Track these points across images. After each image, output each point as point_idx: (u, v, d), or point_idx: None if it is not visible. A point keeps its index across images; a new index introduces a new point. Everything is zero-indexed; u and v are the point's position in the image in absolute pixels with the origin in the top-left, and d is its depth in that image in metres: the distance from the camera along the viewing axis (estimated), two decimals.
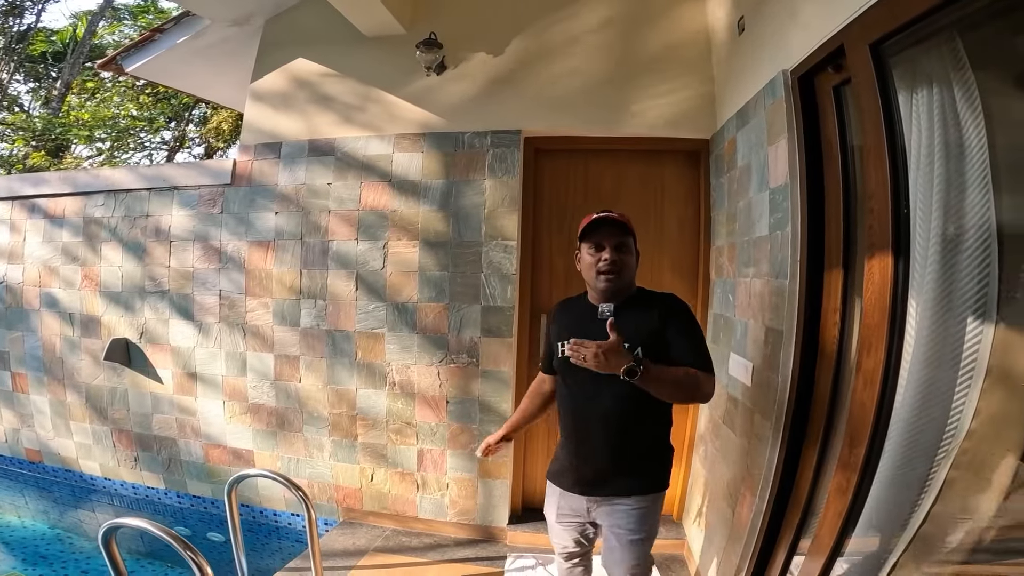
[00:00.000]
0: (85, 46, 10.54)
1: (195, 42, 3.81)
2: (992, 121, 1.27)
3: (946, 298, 1.27)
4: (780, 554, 1.93)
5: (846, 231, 1.55)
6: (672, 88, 2.95)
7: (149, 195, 3.51)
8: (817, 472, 1.69)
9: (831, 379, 1.59)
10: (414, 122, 3.18)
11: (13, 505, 3.89)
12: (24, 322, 3.87)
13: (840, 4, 1.52)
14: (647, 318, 1.67)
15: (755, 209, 2.13)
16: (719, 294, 2.68)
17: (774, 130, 1.92)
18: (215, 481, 3.55)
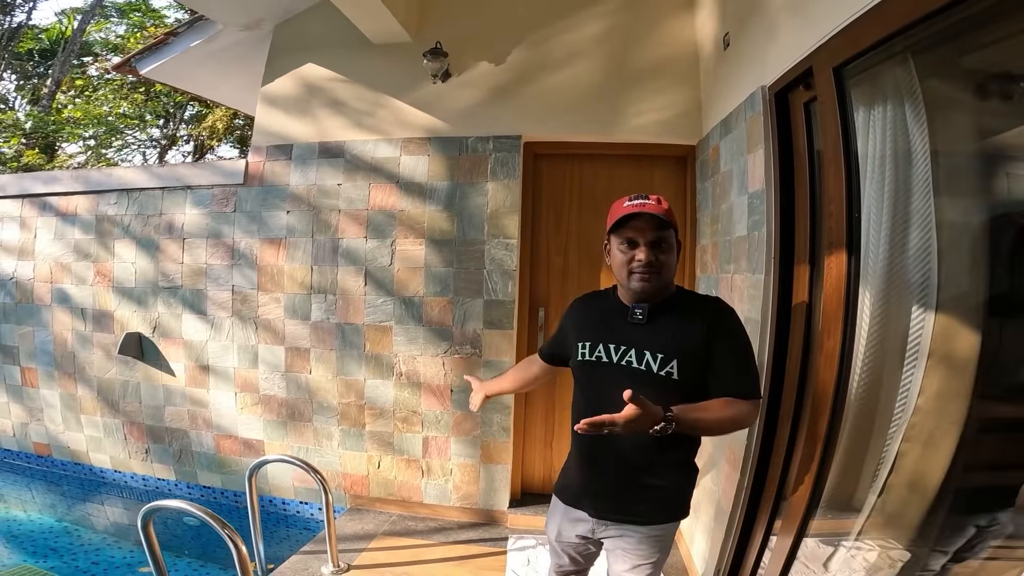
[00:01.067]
0: (75, 44, 10.55)
1: (207, 46, 3.97)
2: (935, 134, 1.49)
3: (894, 290, 1.49)
4: (761, 524, 2.14)
5: (812, 232, 1.77)
6: (662, 97, 3.16)
7: (162, 194, 3.66)
8: (790, 446, 1.90)
9: (799, 362, 1.81)
10: (420, 127, 3.37)
11: (20, 500, 3.96)
12: (34, 317, 4.00)
13: (810, 30, 1.74)
14: (688, 327, 1.45)
15: (735, 211, 2.35)
16: (703, 289, 2.90)
17: (753, 140, 2.14)
18: (226, 472, 3.70)
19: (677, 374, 1.43)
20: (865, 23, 1.41)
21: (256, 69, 3.91)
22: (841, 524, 1.91)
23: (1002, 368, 1.44)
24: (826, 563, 1.99)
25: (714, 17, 2.83)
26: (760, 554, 2.17)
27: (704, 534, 2.58)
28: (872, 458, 1.72)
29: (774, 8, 2.05)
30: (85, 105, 9.46)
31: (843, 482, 1.80)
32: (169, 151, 10.84)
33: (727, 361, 1.44)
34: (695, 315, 1.47)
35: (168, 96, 9.65)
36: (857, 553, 1.93)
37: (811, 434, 1.65)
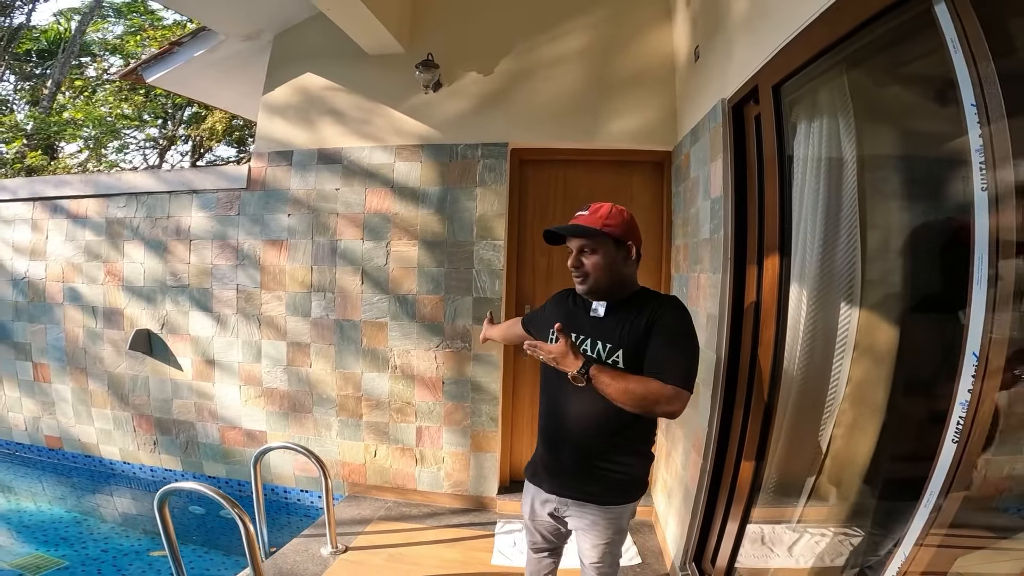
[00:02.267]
0: (75, 45, 10.67)
1: (210, 55, 4.15)
2: (863, 144, 1.67)
3: (824, 287, 1.68)
4: (720, 507, 2.31)
5: (760, 235, 1.96)
6: (641, 105, 3.35)
7: (170, 197, 3.86)
8: (743, 432, 2.09)
9: (750, 353, 1.99)
10: (413, 134, 3.55)
11: (31, 492, 4.08)
12: (46, 315, 4.19)
13: (759, 49, 1.92)
14: (636, 321, 1.58)
15: (701, 215, 2.54)
16: (676, 287, 3.09)
17: (714, 149, 2.33)
18: (230, 462, 3.90)
19: (622, 363, 1.57)
20: (797, 45, 1.60)
21: (256, 77, 4.10)
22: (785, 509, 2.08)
23: (918, 358, 1.62)
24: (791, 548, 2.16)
25: (687, 29, 3.01)
26: (719, 539, 2.33)
27: (675, 517, 2.76)
28: (809, 442, 1.90)
29: (732, 26, 2.24)
30: (85, 106, 9.64)
31: (787, 466, 1.98)
32: (168, 151, 11.02)
33: (656, 346, 1.54)
34: (645, 311, 1.60)
35: (167, 97, 9.83)
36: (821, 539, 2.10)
37: (754, 418, 1.84)
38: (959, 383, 1.05)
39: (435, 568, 2.83)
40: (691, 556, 2.49)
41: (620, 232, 1.65)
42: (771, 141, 1.74)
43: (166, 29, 10.38)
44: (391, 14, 3.31)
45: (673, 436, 2.96)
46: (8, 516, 3.68)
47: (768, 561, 2.15)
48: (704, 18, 2.69)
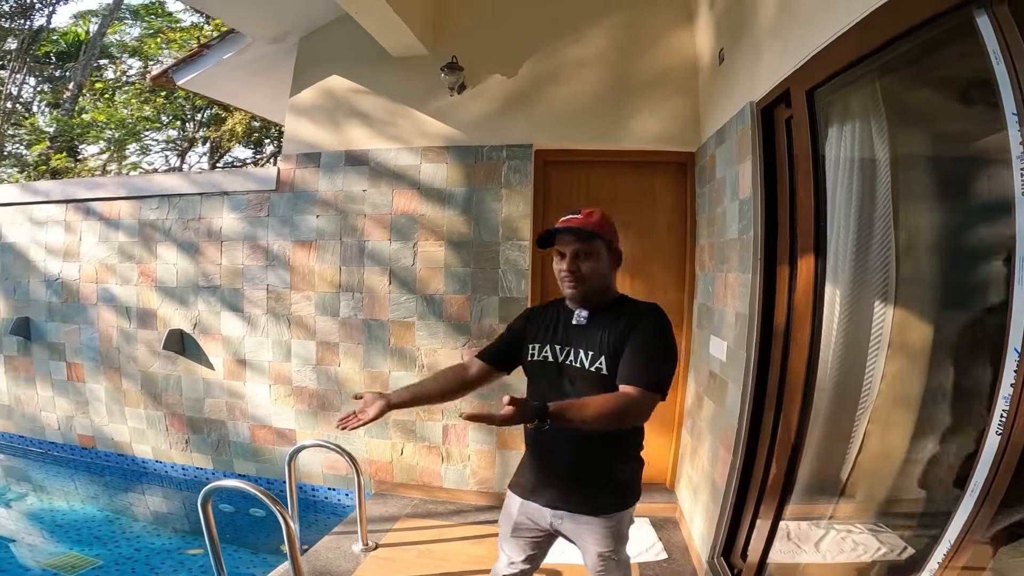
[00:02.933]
0: (95, 47, 10.83)
1: (238, 58, 4.23)
2: (896, 146, 1.71)
3: (858, 286, 1.71)
4: (750, 504, 2.35)
5: (792, 236, 2.00)
6: (663, 107, 3.39)
7: (201, 199, 3.95)
8: (774, 429, 2.13)
9: (781, 353, 2.04)
10: (439, 136, 3.62)
11: (64, 491, 4.15)
12: (81, 315, 4.29)
13: (789, 54, 1.96)
14: (616, 327, 1.58)
15: (728, 215, 2.58)
16: (702, 286, 3.13)
17: (742, 151, 2.37)
18: (260, 460, 3.98)
19: (605, 369, 1.56)
20: (832, 51, 1.64)
21: (281, 79, 4.17)
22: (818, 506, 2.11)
23: (951, 354, 1.65)
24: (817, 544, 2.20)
25: (711, 33, 3.05)
26: (749, 534, 2.37)
27: (702, 514, 2.80)
28: (843, 439, 1.94)
29: (760, 31, 2.27)
30: (107, 108, 9.81)
31: (819, 464, 2.01)
32: (187, 153, 11.18)
33: (631, 351, 1.53)
34: (626, 317, 1.59)
35: (187, 99, 9.98)
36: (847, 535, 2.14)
37: (787, 417, 1.88)
38: (1002, 377, 1.09)
39: (464, 564, 2.89)
40: (720, 551, 2.53)
41: (612, 237, 1.66)
42: (804, 144, 1.78)
43: (184, 31, 10.54)
44: (415, 16, 3.36)
45: (699, 433, 3.00)
46: (41, 515, 3.74)
47: (797, 557, 2.19)
48: (729, 22, 2.73)
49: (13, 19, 9.99)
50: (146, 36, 11.09)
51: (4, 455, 4.68)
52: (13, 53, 9.93)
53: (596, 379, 1.57)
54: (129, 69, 11.51)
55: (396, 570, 2.81)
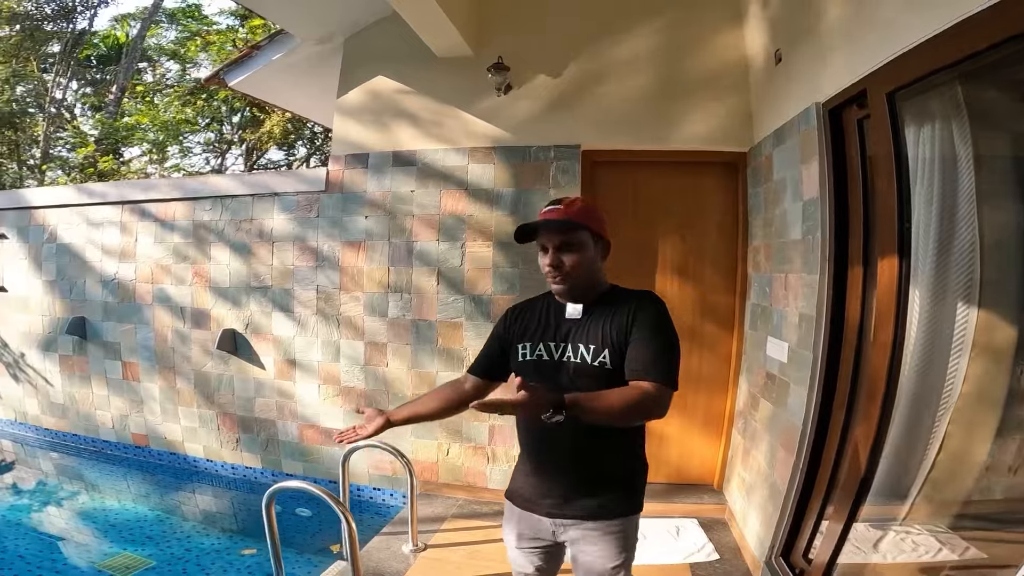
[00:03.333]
0: (136, 50, 11.07)
1: (286, 59, 4.31)
2: (978, 145, 1.70)
3: (941, 287, 1.70)
4: (815, 505, 2.34)
5: (866, 237, 1.99)
6: (713, 107, 3.38)
7: (252, 200, 4.04)
8: (844, 430, 2.12)
9: (853, 354, 2.03)
10: (486, 136, 3.65)
11: (116, 490, 4.23)
12: (136, 315, 4.41)
13: (862, 57, 1.96)
14: (617, 319, 1.50)
15: (790, 216, 2.57)
16: (756, 287, 3.12)
17: (807, 152, 2.36)
18: (307, 460, 4.04)
19: (610, 363, 1.47)
20: (919, 55, 1.63)
21: (324, 81, 4.24)
22: (890, 508, 2.10)
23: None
24: (876, 544, 2.19)
25: (764, 33, 3.03)
26: (813, 535, 2.37)
27: (758, 514, 2.79)
28: (920, 440, 1.93)
29: (826, 33, 2.26)
30: (150, 110, 10.06)
31: (894, 465, 2.00)
32: (227, 154, 11.40)
33: (638, 344, 1.45)
34: (624, 307, 1.51)
35: (224, 102, 10.18)
36: (906, 536, 2.12)
37: (865, 416, 1.87)
38: None
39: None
40: (779, 551, 2.52)
41: (597, 227, 1.56)
42: (885, 145, 1.77)
43: (220, 34, 10.74)
44: (460, 16, 3.36)
45: (753, 434, 2.99)
46: (95, 514, 3.81)
47: (869, 558, 2.18)
48: (787, 24, 2.71)
49: (56, 22, 10.24)
50: (183, 39, 11.34)
51: (58, 453, 4.79)
52: (57, 57, 10.21)
53: (600, 374, 1.48)
54: (168, 72, 11.79)
55: (447, 571, 2.82)
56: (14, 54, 9.35)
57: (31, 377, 4.91)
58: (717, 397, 3.50)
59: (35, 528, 3.60)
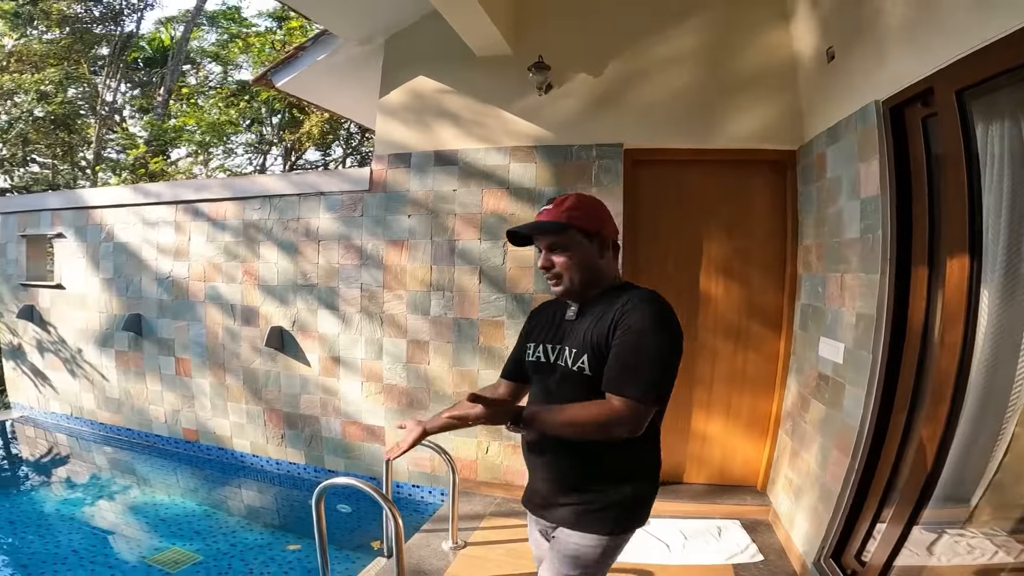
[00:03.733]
0: (182, 52, 11.37)
1: (329, 60, 4.38)
2: None
3: (1011, 288, 1.66)
4: (870, 508, 2.31)
5: (931, 236, 1.95)
6: (760, 105, 3.33)
7: (299, 200, 4.13)
8: (905, 432, 2.08)
9: (917, 355, 1.99)
10: (527, 135, 3.66)
11: (166, 484, 4.35)
12: (189, 312, 4.56)
13: (928, 55, 1.92)
14: (602, 321, 1.41)
15: (846, 215, 2.53)
16: (807, 287, 3.07)
17: (865, 150, 2.32)
18: (349, 456, 4.11)
19: (588, 369, 1.41)
20: (991, 55, 1.60)
21: (366, 81, 4.31)
22: (949, 511, 2.06)
23: None
24: (930, 547, 2.14)
25: (814, 31, 2.98)
26: (867, 537, 2.33)
27: (807, 515, 2.75)
28: (986, 443, 1.88)
29: (885, 31, 2.22)
30: (196, 112, 10.36)
31: (957, 468, 1.96)
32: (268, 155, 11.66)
33: (615, 353, 1.36)
34: (613, 308, 1.41)
35: (265, 103, 10.41)
36: (960, 539, 2.08)
37: (931, 418, 1.83)
38: None
39: None
40: (829, 552, 2.49)
41: (588, 223, 1.47)
42: (955, 143, 1.73)
43: (259, 36, 10.99)
44: (500, 14, 3.38)
45: (802, 435, 2.95)
46: (146, 509, 3.91)
47: (923, 560, 2.13)
48: (841, 21, 2.67)
49: (104, 24, 10.56)
50: (224, 41, 11.63)
51: (112, 448, 4.96)
52: (106, 59, 10.56)
53: (579, 380, 1.42)
54: (210, 74, 12.12)
55: (487, 568, 2.84)
56: (65, 56, 9.69)
57: (88, 372, 5.11)
58: (763, 398, 3.46)
59: (88, 522, 3.69)
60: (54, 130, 9.24)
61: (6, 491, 4.29)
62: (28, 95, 8.77)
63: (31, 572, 2.98)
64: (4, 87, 8.75)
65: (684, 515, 3.32)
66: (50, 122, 9.10)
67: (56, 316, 5.28)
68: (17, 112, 8.89)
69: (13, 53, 9.41)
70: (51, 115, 9.02)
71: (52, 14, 9.40)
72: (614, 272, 1.55)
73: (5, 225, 5.63)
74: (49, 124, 9.11)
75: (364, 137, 11.23)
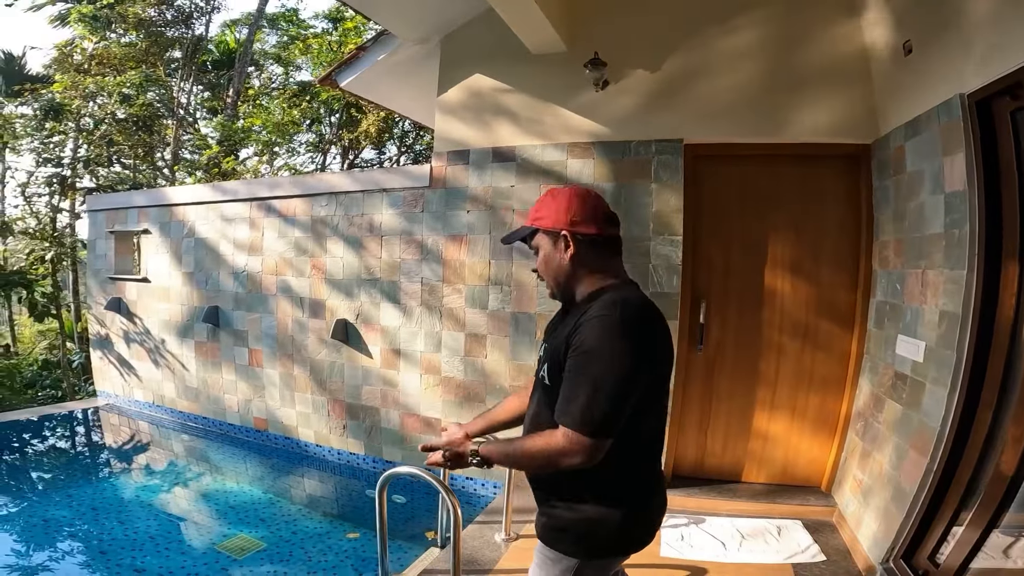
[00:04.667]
0: (248, 54, 11.84)
1: (389, 59, 4.48)
2: None
3: None
4: (947, 510, 2.22)
5: (1022, 231, 1.86)
6: (830, 98, 3.22)
7: (363, 196, 4.28)
8: (990, 433, 1.99)
9: (1005, 354, 1.90)
10: (584, 132, 3.67)
11: (235, 471, 4.53)
12: (263, 305, 4.80)
13: (1015, 47, 1.85)
14: (566, 329, 1.32)
15: (927, 209, 2.44)
16: (884, 284, 2.97)
17: (950, 144, 2.23)
18: (406, 447, 4.23)
19: (548, 379, 1.35)
20: None
21: (423, 81, 4.40)
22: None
23: None
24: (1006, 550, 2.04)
25: (887, 24, 2.89)
26: (943, 538, 2.25)
27: (877, 515, 2.67)
28: None
29: (969, 24, 2.14)
30: (263, 113, 10.81)
31: None
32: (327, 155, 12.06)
33: (565, 376, 1.27)
34: (578, 316, 1.31)
35: (324, 103, 10.75)
36: None
37: (1018, 419, 1.75)
38: None
39: None
40: (900, 553, 2.42)
41: (549, 221, 1.36)
42: None
43: (316, 38, 11.35)
44: (554, 11, 3.37)
45: (875, 435, 2.86)
46: (217, 496, 4.09)
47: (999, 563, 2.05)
48: (916, 14, 2.59)
49: (176, 27, 11.06)
50: (285, 43, 12.07)
51: (189, 436, 5.24)
52: (179, 62, 11.13)
53: (543, 389, 1.37)
54: (273, 76, 12.62)
55: None
56: (142, 59, 10.24)
57: (169, 362, 5.45)
58: (831, 398, 3.36)
59: (164, 509, 3.85)
60: (136, 131, 9.78)
61: (89, 478, 4.54)
62: (111, 97, 9.28)
63: (110, 558, 3.09)
64: (88, 89, 9.24)
65: (742, 514, 3.27)
66: (132, 123, 9.64)
67: (141, 308, 5.65)
68: (102, 114, 9.46)
69: (94, 56, 9.93)
70: (133, 116, 9.56)
71: (128, 17, 9.88)
72: (603, 271, 1.39)
73: (95, 222, 6.07)
74: (131, 125, 9.66)
75: (419, 135, 11.44)
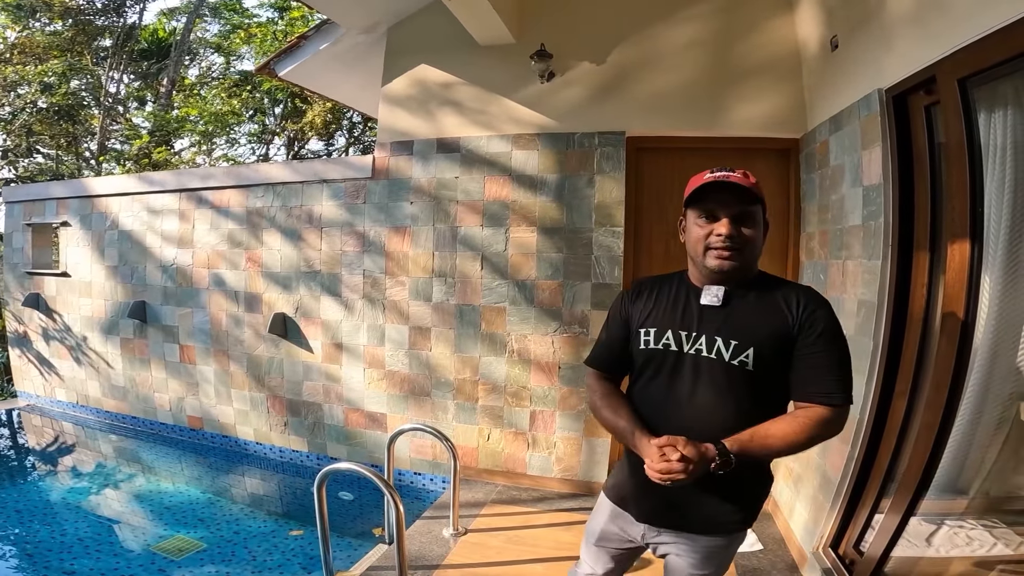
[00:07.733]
0: (184, 43, 11.35)
1: (332, 49, 4.37)
2: None
3: (1013, 275, 1.66)
4: (868, 498, 2.31)
5: (933, 222, 1.94)
6: (763, 93, 3.31)
7: (302, 187, 4.14)
8: (905, 420, 2.08)
9: (917, 342, 1.99)
10: (529, 123, 3.66)
11: (171, 472, 4.36)
12: (193, 300, 4.59)
13: (932, 42, 1.91)
14: (771, 314, 1.31)
15: (848, 202, 2.53)
16: (810, 274, 3.07)
17: (868, 138, 2.31)
18: (351, 443, 4.14)
19: (752, 364, 1.29)
20: (992, 43, 1.59)
21: (370, 70, 4.31)
22: (947, 502, 2.06)
23: None
24: (928, 538, 2.15)
25: (818, 20, 2.96)
26: (866, 526, 2.34)
27: (806, 504, 2.76)
28: (986, 432, 1.88)
29: (890, 19, 2.21)
30: (198, 103, 10.37)
31: (956, 457, 1.96)
32: (270, 146, 11.67)
33: (818, 360, 1.28)
34: (782, 302, 1.32)
35: (267, 93, 10.40)
36: (959, 531, 2.09)
37: (930, 406, 1.83)
38: None
39: (553, 551, 2.91)
40: (827, 542, 2.50)
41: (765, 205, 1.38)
42: (956, 131, 1.73)
43: (261, 27, 10.96)
44: (503, 3, 3.36)
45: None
46: (151, 497, 3.92)
47: (921, 551, 2.15)
48: (845, 10, 2.65)
49: (107, 16, 10.56)
50: (226, 32, 11.61)
51: (117, 436, 4.98)
52: (109, 51, 10.58)
53: (737, 374, 1.31)
54: (212, 65, 12.11)
55: (487, 555, 2.86)
56: (68, 48, 9.72)
57: (93, 360, 5.15)
58: None
59: (93, 511, 3.70)
60: (58, 121, 9.31)
61: (12, 480, 4.31)
62: (31, 86, 8.83)
63: (37, 561, 2.99)
64: (7, 79, 8.82)
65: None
66: (54, 113, 9.18)
67: (61, 304, 5.32)
68: (21, 103, 8.95)
69: (16, 45, 9.47)
70: (54, 106, 9.10)
71: (54, 6, 9.43)
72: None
73: (11, 214, 5.67)
74: (53, 115, 9.20)
75: (367, 126, 11.21)
